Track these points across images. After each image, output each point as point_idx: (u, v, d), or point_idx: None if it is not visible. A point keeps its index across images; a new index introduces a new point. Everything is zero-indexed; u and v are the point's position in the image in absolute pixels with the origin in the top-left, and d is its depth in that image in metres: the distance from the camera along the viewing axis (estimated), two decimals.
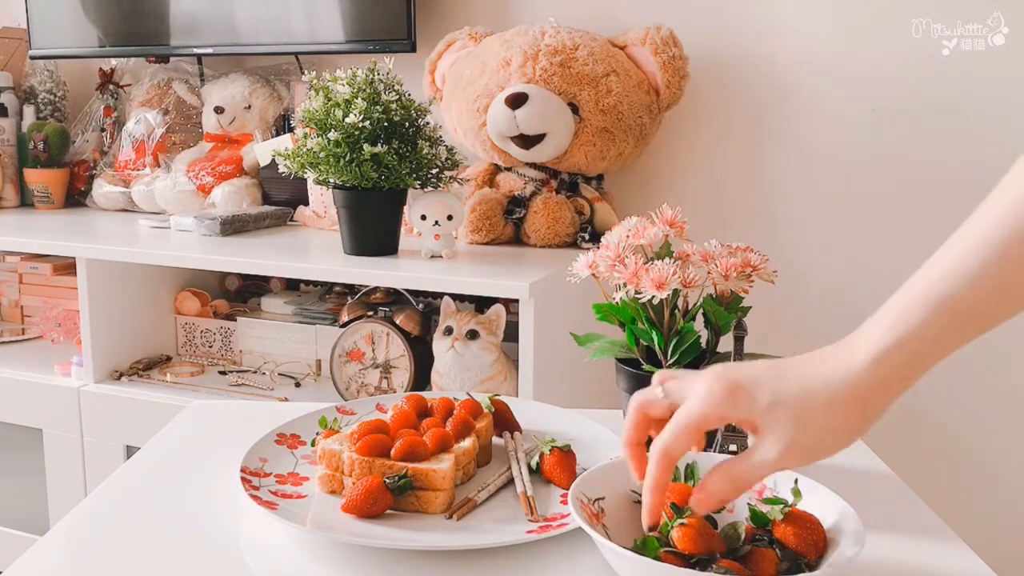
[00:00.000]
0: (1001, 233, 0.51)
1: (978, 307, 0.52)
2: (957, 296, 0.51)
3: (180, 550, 0.65)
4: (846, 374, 0.52)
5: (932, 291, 0.52)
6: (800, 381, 0.53)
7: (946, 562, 0.63)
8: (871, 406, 0.53)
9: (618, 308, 0.77)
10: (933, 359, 0.54)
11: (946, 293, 0.52)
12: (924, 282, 0.53)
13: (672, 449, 0.53)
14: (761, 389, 0.53)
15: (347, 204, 1.41)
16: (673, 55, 1.50)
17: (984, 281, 0.51)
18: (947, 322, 0.52)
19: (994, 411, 1.58)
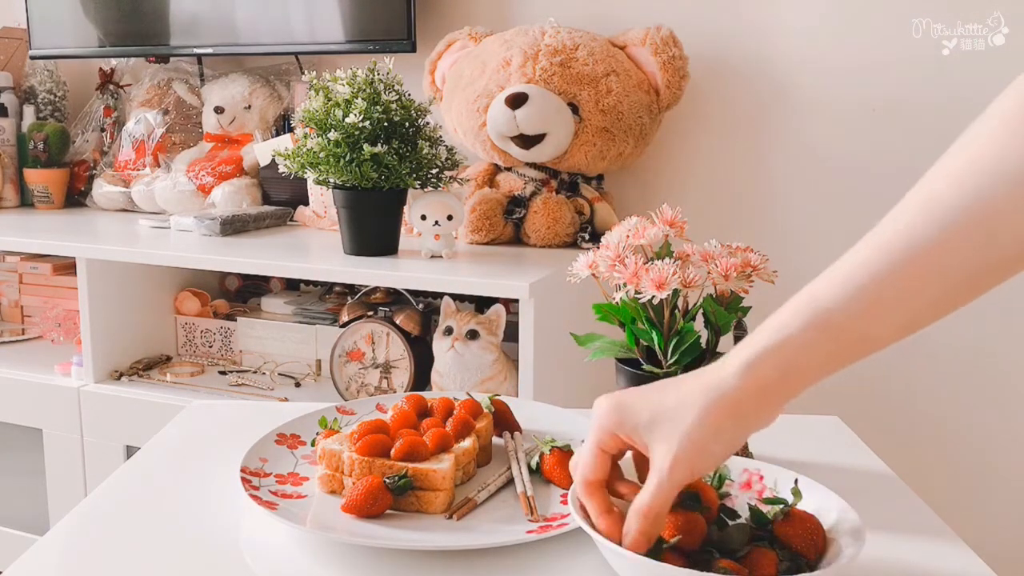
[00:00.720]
0: (881, 258, 0.49)
1: (850, 325, 0.50)
2: (829, 310, 0.50)
3: (180, 550, 0.65)
4: (719, 381, 0.52)
5: (810, 301, 0.51)
6: (678, 394, 0.53)
7: (946, 562, 0.63)
8: (746, 413, 0.52)
9: (618, 308, 0.77)
10: (810, 370, 0.51)
11: (821, 305, 0.50)
12: (807, 292, 0.52)
13: (587, 475, 0.56)
14: (642, 405, 0.54)
15: (347, 204, 1.41)
16: (673, 55, 1.50)
17: (857, 301, 0.50)
18: (819, 335, 0.50)
19: (994, 411, 1.58)
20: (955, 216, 0.47)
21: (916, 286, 0.49)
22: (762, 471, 0.63)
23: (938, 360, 1.60)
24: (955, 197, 0.47)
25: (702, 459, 0.53)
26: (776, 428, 0.86)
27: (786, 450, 0.79)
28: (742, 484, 0.63)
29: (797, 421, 0.92)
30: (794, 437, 0.86)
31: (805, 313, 0.51)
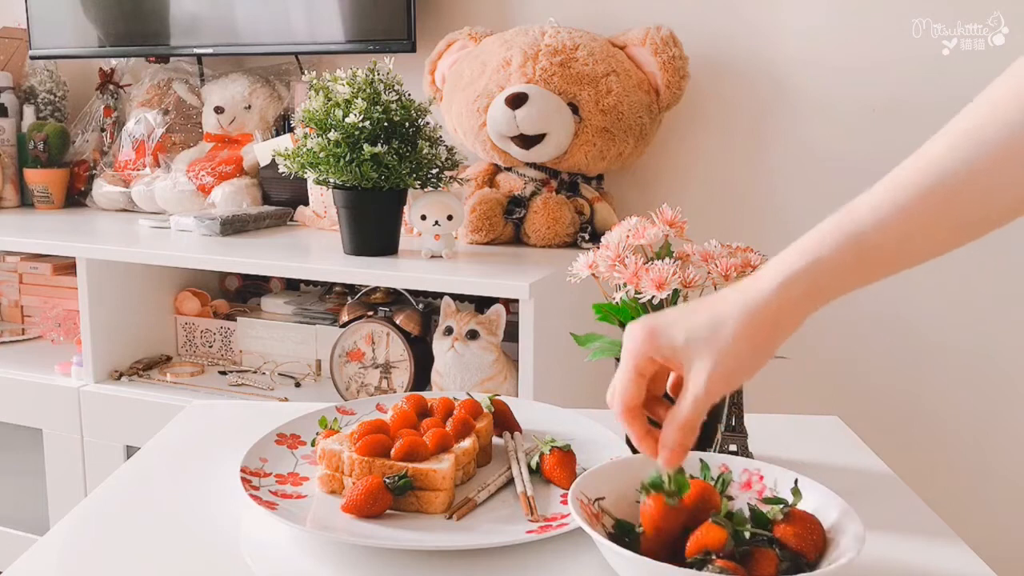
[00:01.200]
0: (918, 182, 0.53)
1: (882, 247, 0.53)
2: (864, 232, 0.53)
3: (180, 550, 0.65)
4: (755, 298, 0.54)
5: (845, 223, 0.54)
6: (711, 312, 0.55)
7: (946, 562, 0.63)
8: (780, 326, 0.55)
9: (618, 308, 0.77)
10: (838, 287, 0.55)
11: (856, 229, 0.54)
12: (844, 213, 0.55)
13: (627, 400, 0.57)
14: (677, 328, 0.56)
15: (347, 204, 1.41)
16: (673, 55, 1.50)
17: (893, 225, 0.53)
18: (851, 256, 0.54)
19: (994, 411, 1.58)
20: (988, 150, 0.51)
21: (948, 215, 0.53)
22: (762, 471, 0.63)
23: (938, 360, 1.60)
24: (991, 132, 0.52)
25: (739, 372, 0.55)
26: (776, 428, 0.87)
27: (786, 450, 0.79)
28: (742, 484, 0.63)
29: (797, 421, 0.92)
30: (794, 437, 0.86)
31: (838, 235, 0.54)
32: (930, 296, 1.59)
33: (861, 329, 1.63)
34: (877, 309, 1.62)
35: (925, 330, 1.60)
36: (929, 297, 1.59)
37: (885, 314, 1.62)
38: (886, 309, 1.61)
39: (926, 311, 1.60)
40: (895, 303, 1.61)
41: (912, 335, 1.61)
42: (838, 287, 0.55)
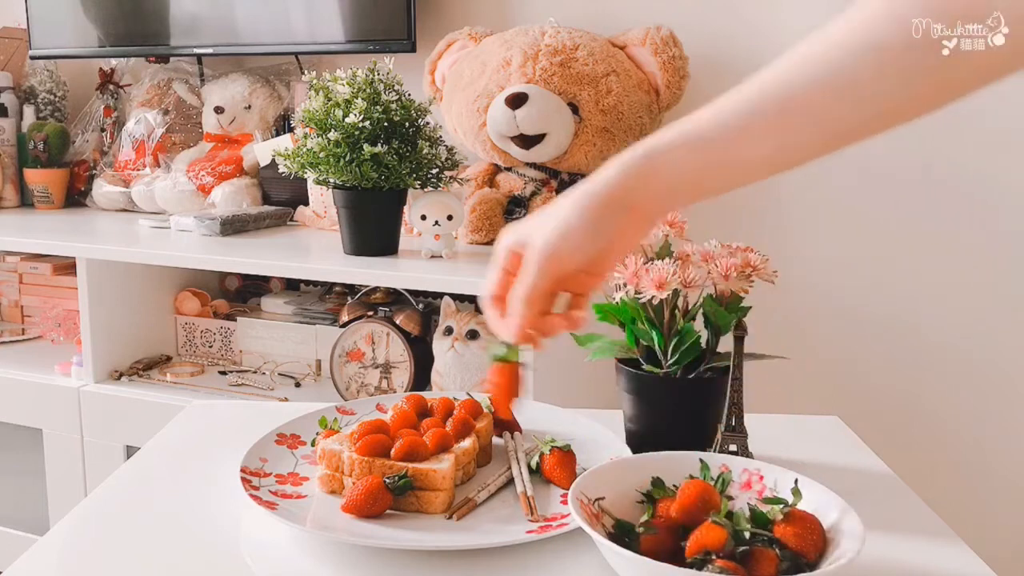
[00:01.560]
0: (757, 93, 0.56)
1: (718, 143, 0.56)
2: (702, 127, 0.56)
3: (180, 550, 0.65)
4: (593, 182, 0.58)
5: (687, 119, 0.57)
6: (559, 202, 0.59)
7: (946, 562, 0.63)
8: (615, 208, 0.58)
9: (618, 308, 0.77)
10: (676, 181, 0.57)
11: (696, 124, 0.57)
12: (687, 118, 0.58)
13: (488, 287, 0.63)
14: (532, 221, 0.61)
15: (347, 204, 1.41)
16: (673, 55, 1.50)
17: (728, 125, 0.56)
18: (690, 148, 0.56)
19: (994, 411, 1.58)
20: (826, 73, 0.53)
21: (784, 124, 0.55)
22: (762, 471, 0.63)
23: (938, 360, 1.60)
24: (814, 68, 0.54)
25: (566, 242, 0.58)
26: (776, 428, 0.87)
27: (786, 450, 0.79)
28: (742, 484, 0.63)
29: (797, 421, 0.92)
30: (794, 437, 0.86)
31: (677, 129, 0.57)
32: (930, 296, 1.59)
33: (861, 329, 1.63)
34: (877, 309, 1.62)
35: (925, 330, 1.60)
36: (929, 297, 1.59)
37: (885, 314, 1.62)
38: (886, 309, 1.62)
39: (926, 311, 1.60)
40: (895, 303, 1.61)
41: (912, 335, 1.61)
42: (671, 179, 0.57)
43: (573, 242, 0.58)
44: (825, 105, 0.54)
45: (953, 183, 1.55)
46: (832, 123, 0.55)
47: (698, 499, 0.58)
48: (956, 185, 1.54)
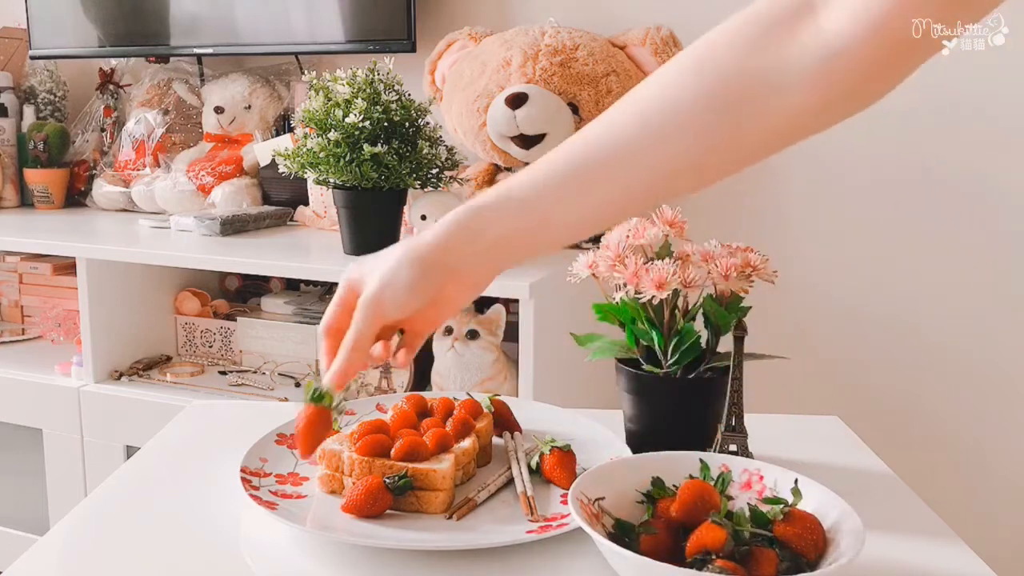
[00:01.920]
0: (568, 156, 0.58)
1: (534, 202, 0.59)
2: (520, 187, 0.59)
3: (180, 550, 0.65)
4: (417, 239, 0.61)
5: (509, 181, 0.60)
6: (388, 254, 0.62)
7: (946, 562, 0.63)
8: (431, 265, 0.60)
9: (618, 308, 0.77)
10: (493, 239, 0.60)
11: (514, 183, 0.59)
12: (510, 178, 0.60)
13: (325, 320, 0.64)
14: (367, 264, 0.63)
15: (347, 204, 1.41)
16: (673, 55, 1.50)
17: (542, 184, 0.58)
18: (507, 207, 0.59)
19: (994, 412, 1.58)
20: (630, 140, 0.56)
21: (592, 186, 0.58)
22: (762, 471, 0.63)
23: (938, 360, 1.60)
24: (635, 126, 0.56)
25: (390, 293, 0.61)
26: (776, 428, 0.87)
27: (786, 450, 0.79)
28: (742, 484, 0.63)
29: (797, 421, 0.92)
30: (794, 437, 0.86)
31: (501, 190, 0.59)
32: (930, 296, 1.59)
33: (861, 329, 1.63)
34: (877, 309, 1.62)
35: (925, 330, 1.60)
36: (929, 297, 1.59)
37: (885, 314, 1.62)
38: (886, 309, 1.62)
39: (926, 311, 1.60)
40: (895, 303, 1.61)
41: (912, 335, 1.61)
42: (496, 239, 0.59)
43: (397, 296, 0.61)
44: (631, 165, 0.57)
45: (953, 183, 1.55)
46: (639, 183, 0.57)
47: (698, 499, 0.58)
48: (956, 185, 1.54)
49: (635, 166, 0.57)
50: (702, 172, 0.58)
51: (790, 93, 0.53)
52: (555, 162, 0.58)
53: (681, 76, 0.56)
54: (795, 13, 0.53)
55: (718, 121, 0.55)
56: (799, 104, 0.53)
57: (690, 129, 0.55)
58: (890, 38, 0.50)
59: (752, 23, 0.55)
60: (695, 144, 0.55)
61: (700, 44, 0.57)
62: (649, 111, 0.56)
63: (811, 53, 0.52)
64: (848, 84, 0.53)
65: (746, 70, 0.54)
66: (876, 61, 0.51)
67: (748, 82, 0.54)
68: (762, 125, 0.55)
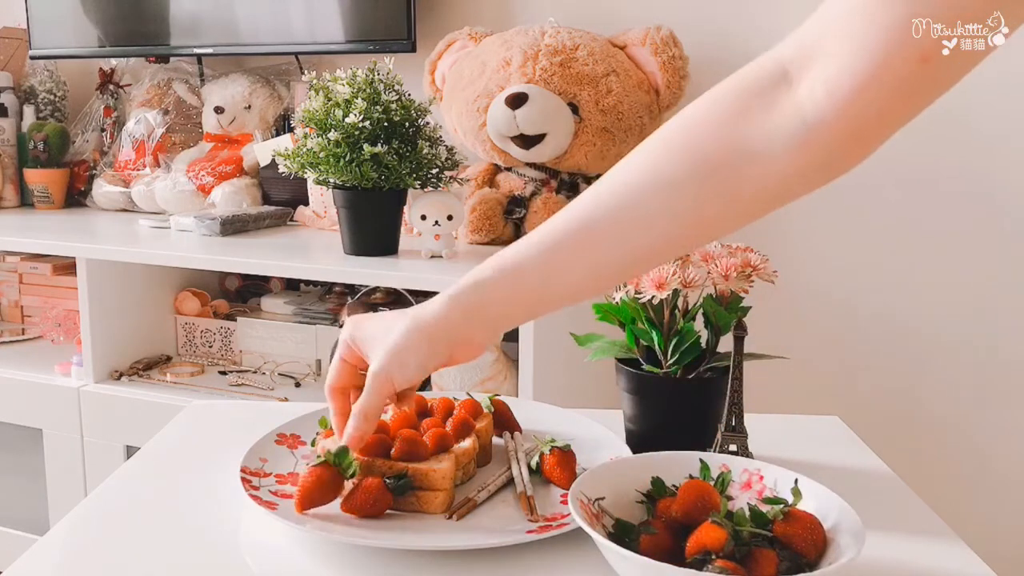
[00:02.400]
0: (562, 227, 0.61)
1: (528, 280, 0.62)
2: (518, 262, 0.61)
3: (180, 550, 0.65)
4: (422, 311, 0.63)
5: (505, 255, 0.62)
6: (394, 322, 0.64)
7: (946, 562, 0.63)
8: (438, 338, 0.63)
9: (618, 308, 0.77)
10: (496, 312, 0.63)
11: (510, 259, 0.62)
12: (507, 248, 0.62)
13: (330, 380, 0.68)
14: (369, 326, 0.66)
15: (347, 204, 1.41)
16: (673, 55, 1.50)
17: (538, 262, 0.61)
18: (507, 281, 0.62)
19: (994, 411, 1.58)
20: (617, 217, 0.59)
21: (587, 255, 0.60)
22: (762, 471, 0.63)
23: (938, 360, 1.60)
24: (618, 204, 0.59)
25: (400, 369, 0.63)
26: (776, 428, 0.87)
27: (786, 450, 0.79)
28: (742, 484, 0.63)
29: (797, 421, 0.92)
30: (794, 437, 0.86)
31: (497, 263, 0.62)
32: (930, 296, 1.59)
33: (861, 329, 1.63)
34: (877, 309, 1.62)
35: (925, 330, 1.60)
36: (929, 297, 1.59)
37: (885, 314, 1.62)
38: (886, 309, 1.62)
39: (926, 311, 1.60)
40: (895, 303, 1.61)
41: (912, 335, 1.61)
42: (499, 308, 0.63)
43: (407, 372, 0.64)
44: (621, 235, 0.59)
45: (953, 183, 1.55)
46: (631, 251, 0.60)
47: (698, 499, 0.58)
48: (956, 185, 1.54)
49: (620, 241, 0.60)
50: (687, 243, 0.63)
51: (770, 163, 0.55)
52: (551, 232, 0.61)
53: (667, 152, 0.58)
54: (773, 85, 0.55)
55: (701, 196, 0.57)
56: (779, 173, 0.55)
57: (675, 206, 0.58)
58: (864, 113, 0.52)
59: (732, 96, 0.57)
60: (679, 219, 0.58)
61: (684, 117, 0.58)
62: (635, 188, 0.59)
63: (790, 125, 0.54)
64: (824, 155, 0.55)
65: (728, 143, 0.56)
66: (850, 134, 0.53)
67: (730, 155, 0.56)
68: (743, 195, 0.57)
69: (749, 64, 0.58)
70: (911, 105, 0.52)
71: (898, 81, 0.50)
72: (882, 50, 0.50)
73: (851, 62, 0.51)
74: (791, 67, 0.55)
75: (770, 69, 0.56)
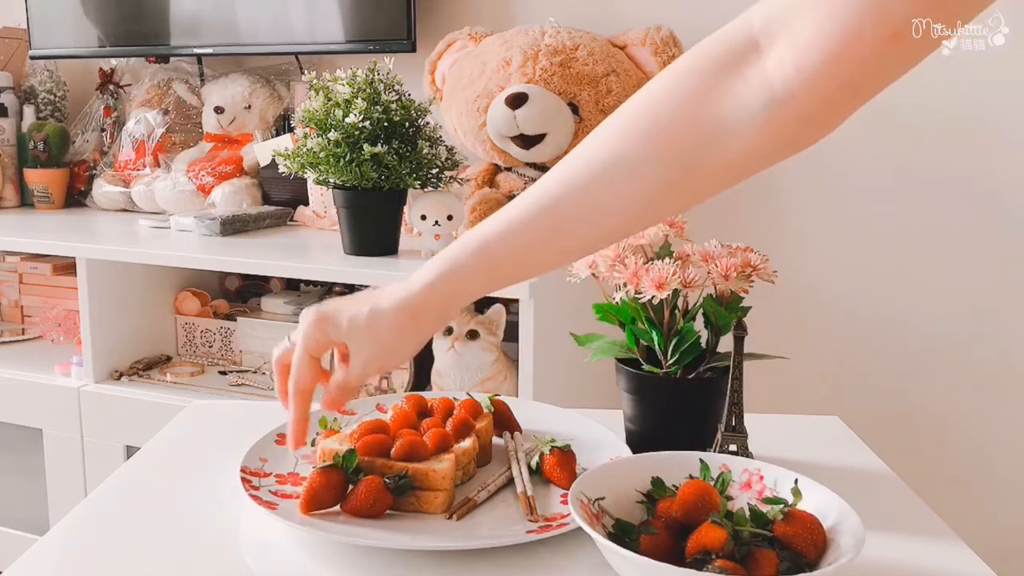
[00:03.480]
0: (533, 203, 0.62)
1: (502, 259, 0.62)
2: (489, 244, 0.62)
3: (180, 550, 0.65)
4: (406, 296, 0.64)
5: (479, 234, 0.63)
6: (371, 304, 0.65)
7: (946, 562, 0.63)
8: (424, 320, 0.64)
9: (618, 308, 0.77)
10: (475, 289, 0.65)
11: (485, 240, 0.63)
12: (478, 229, 0.63)
13: (299, 383, 0.67)
14: (342, 315, 0.65)
15: (347, 204, 1.41)
16: (673, 55, 1.50)
17: (511, 240, 0.62)
18: (481, 264, 0.63)
19: (994, 411, 1.58)
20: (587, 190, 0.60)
21: (557, 231, 0.61)
22: (762, 471, 0.63)
23: (938, 360, 1.60)
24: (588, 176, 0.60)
25: (390, 356, 0.66)
26: (776, 428, 0.87)
27: (786, 450, 0.79)
28: (742, 484, 0.63)
29: (797, 421, 0.92)
30: (794, 437, 0.86)
31: (473, 243, 0.63)
32: (930, 296, 1.59)
33: (861, 329, 1.63)
34: (877, 309, 1.62)
35: (926, 330, 1.60)
36: (929, 297, 1.59)
37: (885, 314, 1.62)
38: (886, 309, 1.62)
39: (926, 311, 1.60)
40: (895, 303, 1.61)
41: (913, 335, 1.61)
42: (475, 288, 0.64)
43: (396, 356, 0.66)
44: (589, 215, 0.60)
45: (953, 183, 1.55)
46: (599, 229, 0.61)
47: (698, 499, 0.58)
48: (956, 185, 1.54)
49: (588, 222, 0.61)
50: (653, 218, 0.65)
51: (737, 140, 0.55)
52: (518, 214, 0.62)
53: (634, 135, 0.59)
54: (742, 55, 0.55)
55: (668, 176, 0.58)
56: (745, 149, 0.56)
57: (641, 186, 0.58)
58: (831, 86, 0.52)
59: (699, 69, 0.57)
60: (645, 196, 0.59)
61: (650, 95, 0.60)
62: (600, 169, 0.59)
63: (757, 100, 0.54)
64: (791, 130, 0.55)
65: (695, 123, 0.56)
66: (817, 108, 0.54)
67: (697, 136, 0.56)
68: (710, 168, 0.57)
69: (720, 30, 0.58)
70: (878, 81, 0.52)
71: (866, 57, 0.50)
72: (853, 24, 0.49)
73: (820, 36, 0.50)
74: (761, 37, 0.54)
75: (740, 39, 0.55)
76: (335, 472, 0.66)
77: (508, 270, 0.64)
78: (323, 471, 0.66)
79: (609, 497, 0.61)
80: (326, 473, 0.65)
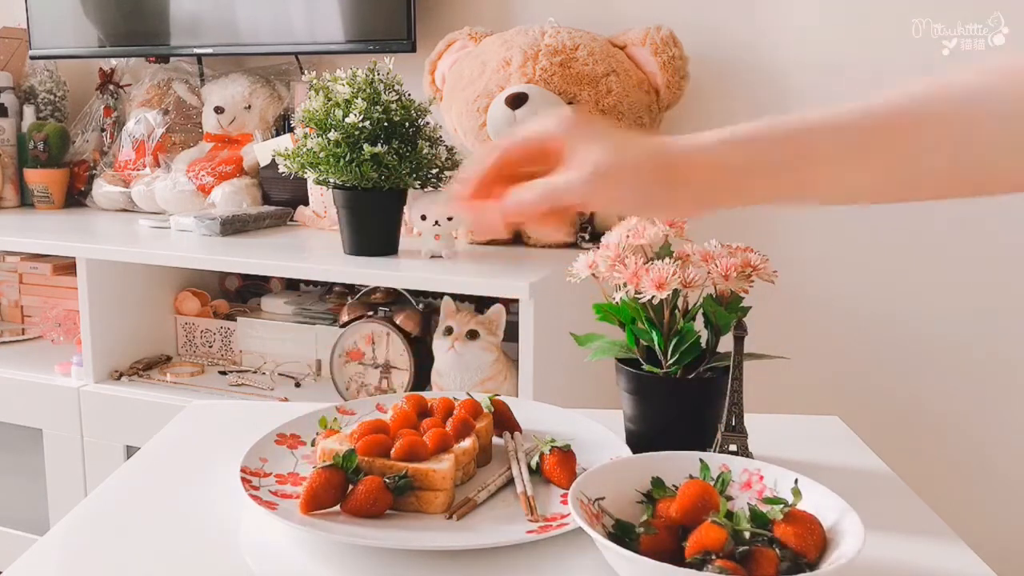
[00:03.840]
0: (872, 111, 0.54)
1: (818, 155, 0.54)
2: (812, 132, 0.54)
3: (180, 550, 0.65)
4: (684, 143, 0.55)
5: (803, 121, 0.55)
6: (639, 141, 0.56)
7: (946, 562, 0.63)
8: (672, 180, 0.55)
9: (618, 308, 0.77)
10: (762, 178, 0.56)
11: (806, 127, 0.54)
12: (801, 115, 0.55)
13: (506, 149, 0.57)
14: (607, 134, 0.56)
15: (347, 204, 1.41)
16: (673, 55, 1.50)
17: (833, 136, 0.54)
18: (791, 152, 0.54)
19: (994, 411, 1.58)
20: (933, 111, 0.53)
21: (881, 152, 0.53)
22: (762, 471, 0.63)
23: (938, 360, 1.60)
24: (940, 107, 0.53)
25: (618, 195, 0.56)
26: (776, 428, 0.87)
27: (786, 450, 0.79)
28: (742, 484, 0.63)
29: (797, 421, 0.92)
30: (794, 437, 0.86)
31: (791, 125, 0.54)
32: (930, 296, 1.59)
33: (861, 329, 1.63)
34: (877, 309, 1.62)
35: (925, 330, 1.60)
36: (929, 297, 1.59)
37: (885, 314, 1.62)
38: (886, 309, 1.62)
39: (926, 311, 1.60)
40: (895, 303, 1.61)
41: (912, 335, 1.61)
42: (765, 180, 0.55)
43: (622, 202, 0.57)
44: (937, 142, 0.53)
45: None
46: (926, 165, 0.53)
47: (698, 499, 0.58)
48: None
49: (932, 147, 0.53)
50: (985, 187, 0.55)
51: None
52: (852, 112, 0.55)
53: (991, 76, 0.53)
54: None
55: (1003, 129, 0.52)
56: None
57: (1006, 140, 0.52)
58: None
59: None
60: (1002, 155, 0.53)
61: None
62: (967, 105, 0.53)
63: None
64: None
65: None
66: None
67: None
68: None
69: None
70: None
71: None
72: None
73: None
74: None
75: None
76: (335, 472, 0.66)
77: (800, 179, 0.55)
78: (323, 471, 0.65)
79: (609, 497, 0.61)
80: (326, 473, 0.65)
